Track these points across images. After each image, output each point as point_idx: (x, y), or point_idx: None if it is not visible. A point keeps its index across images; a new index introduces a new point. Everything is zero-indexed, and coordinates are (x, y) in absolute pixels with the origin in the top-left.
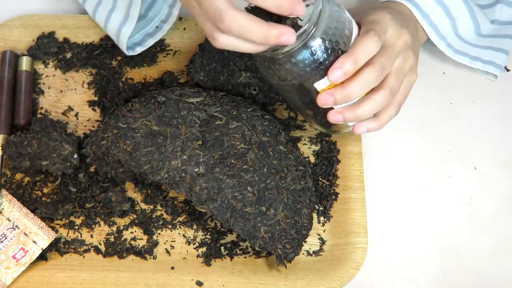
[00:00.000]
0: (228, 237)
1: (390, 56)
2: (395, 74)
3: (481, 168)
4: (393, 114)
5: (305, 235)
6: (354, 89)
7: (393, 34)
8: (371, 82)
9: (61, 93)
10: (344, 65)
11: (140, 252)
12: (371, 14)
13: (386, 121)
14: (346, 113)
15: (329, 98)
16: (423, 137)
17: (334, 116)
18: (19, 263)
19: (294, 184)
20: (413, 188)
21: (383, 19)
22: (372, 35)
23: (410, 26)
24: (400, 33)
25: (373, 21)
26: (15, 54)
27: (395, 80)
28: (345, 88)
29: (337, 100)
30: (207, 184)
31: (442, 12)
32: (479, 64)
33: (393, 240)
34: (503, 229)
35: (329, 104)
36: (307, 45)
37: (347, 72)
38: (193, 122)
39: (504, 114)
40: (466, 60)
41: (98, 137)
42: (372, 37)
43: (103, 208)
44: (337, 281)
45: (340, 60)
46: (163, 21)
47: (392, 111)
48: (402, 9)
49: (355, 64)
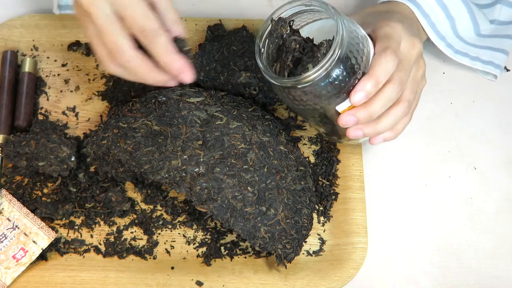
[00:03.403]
0: (228, 237)
1: (406, 70)
2: (410, 86)
3: (481, 168)
4: (407, 122)
5: (305, 235)
6: (376, 107)
7: (407, 45)
8: (392, 99)
9: (61, 93)
10: (366, 87)
11: (140, 252)
12: (384, 26)
13: (401, 130)
14: (366, 129)
15: (352, 119)
16: (423, 137)
17: (354, 132)
18: (19, 263)
19: (294, 184)
20: (413, 188)
21: (396, 31)
22: (390, 54)
23: (415, 29)
24: (413, 43)
25: (387, 35)
26: (15, 54)
27: (410, 92)
28: (367, 108)
29: (360, 120)
30: (207, 184)
31: (442, 13)
32: (479, 64)
33: (393, 240)
34: (503, 229)
35: (351, 124)
36: (329, 72)
37: (369, 94)
38: (193, 122)
39: (504, 114)
40: (466, 60)
41: (98, 137)
42: (390, 56)
43: (103, 208)
44: (337, 281)
45: (361, 82)
46: None
47: (407, 120)
48: (404, 10)
49: (376, 86)
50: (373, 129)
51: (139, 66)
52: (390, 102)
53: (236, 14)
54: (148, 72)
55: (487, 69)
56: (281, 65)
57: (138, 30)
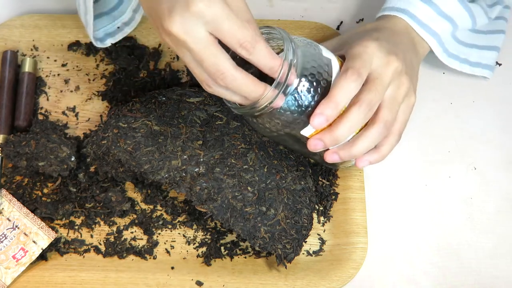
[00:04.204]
0: (228, 237)
1: (378, 90)
2: (387, 105)
3: (481, 168)
4: (394, 143)
5: (305, 235)
6: (342, 131)
7: (380, 63)
8: (359, 122)
9: (61, 93)
10: (325, 111)
11: (140, 252)
12: (355, 46)
13: (388, 151)
14: (342, 152)
15: (319, 144)
16: (423, 137)
17: (330, 156)
18: (19, 263)
19: (294, 184)
20: (413, 188)
21: (366, 51)
22: (350, 75)
23: (403, 45)
24: (387, 61)
25: (354, 55)
26: (15, 54)
27: (388, 112)
28: (333, 132)
29: (327, 144)
30: (207, 184)
31: (443, 20)
32: (467, 67)
33: (393, 240)
34: (503, 229)
35: (320, 149)
36: (285, 95)
37: (329, 118)
38: (193, 122)
39: (504, 114)
40: (456, 64)
41: (98, 137)
42: (350, 77)
43: (103, 208)
44: (337, 281)
45: (320, 106)
46: (125, 23)
47: (393, 140)
48: (396, 25)
49: (336, 108)
50: (348, 153)
51: (244, 84)
52: (357, 125)
53: None
54: (253, 87)
55: (475, 72)
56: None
57: (237, 44)
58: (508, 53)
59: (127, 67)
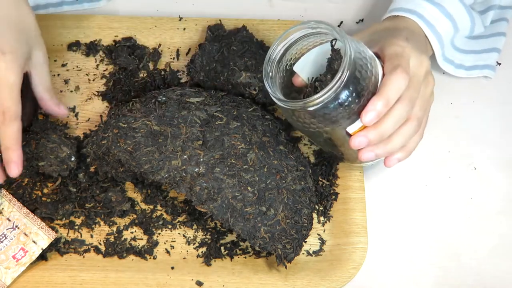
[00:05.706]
0: (228, 237)
1: (416, 88)
2: (420, 103)
3: (481, 168)
4: (418, 140)
5: (305, 235)
6: (387, 127)
7: (416, 63)
8: (402, 118)
9: (61, 93)
10: (377, 107)
11: (140, 252)
12: (392, 45)
13: (413, 148)
14: (377, 149)
15: (363, 140)
16: (423, 137)
17: (366, 154)
18: (19, 263)
19: (294, 184)
20: (413, 188)
21: (405, 50)
22: (400, 72)
23: (422, 45)
24: (421, 61)
25: (396, 54)
26: None
27: (420, 109)
28: (378, 128)
29: (371, 141)
30: (207, 184)
31: (447, 21)
32: (463, 72)
33: (393, 240)
34: (503, 229)
35: (363, 145)
36: (338, 94)
37: (380, 113)
38: (193, 122)
39: (504, 114)
40: (451, 69)
41: (98, 137)
42: (400, 74)
43: (103, 208)
44: (337, 281)
45: (372, 102)
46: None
47: (418, 138)
48: (411, 25)
49: (387, 105)
50: (384, 149)
51: None
52: (400, 121)
53: (236, 14)
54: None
55: (472, 74)
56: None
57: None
58: (508, 53)
59: (127, 67)
